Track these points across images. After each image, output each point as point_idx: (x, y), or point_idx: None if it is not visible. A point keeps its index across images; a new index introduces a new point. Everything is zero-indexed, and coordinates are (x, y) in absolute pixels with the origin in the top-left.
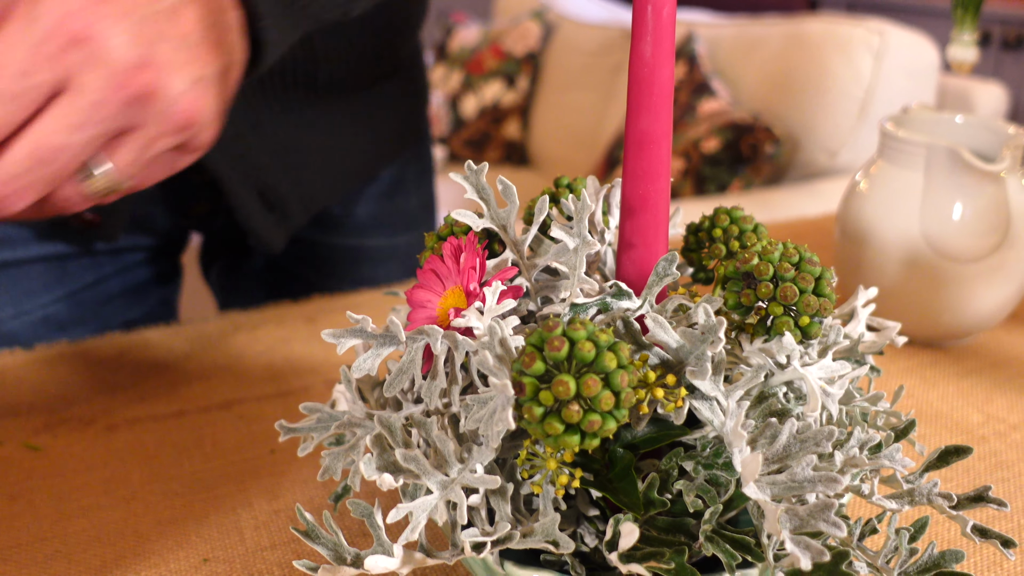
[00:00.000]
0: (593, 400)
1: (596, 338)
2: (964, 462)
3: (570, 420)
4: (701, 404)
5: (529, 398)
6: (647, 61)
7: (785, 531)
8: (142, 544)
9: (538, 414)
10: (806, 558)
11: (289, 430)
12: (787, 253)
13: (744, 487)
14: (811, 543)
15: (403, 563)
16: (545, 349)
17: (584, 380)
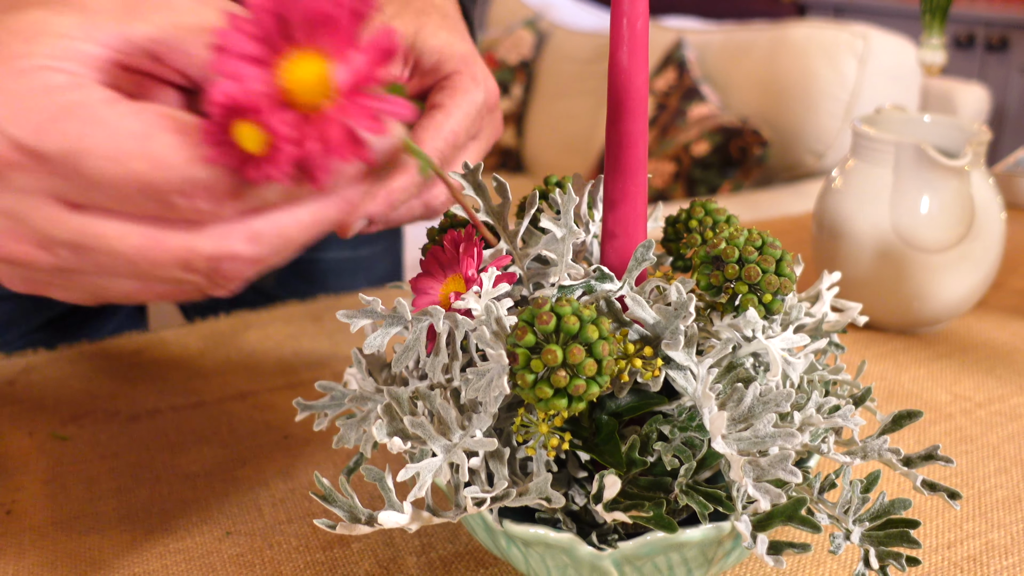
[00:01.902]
0: (578, 367)
1: (580, 313)
2: (931, 436)
3: (558, 385)
4: (676, 374)
5: (522, 366)
6: (624, 68)
7: (748, 479)
8: (168, 521)
9: (530, 380)
10: (765, 501)
11: (306, 407)
12: (751, 238)
13: (713, 442)
14: (770, 488)
15: (412, 519)
16: (535, 323)
17: (570, 349)
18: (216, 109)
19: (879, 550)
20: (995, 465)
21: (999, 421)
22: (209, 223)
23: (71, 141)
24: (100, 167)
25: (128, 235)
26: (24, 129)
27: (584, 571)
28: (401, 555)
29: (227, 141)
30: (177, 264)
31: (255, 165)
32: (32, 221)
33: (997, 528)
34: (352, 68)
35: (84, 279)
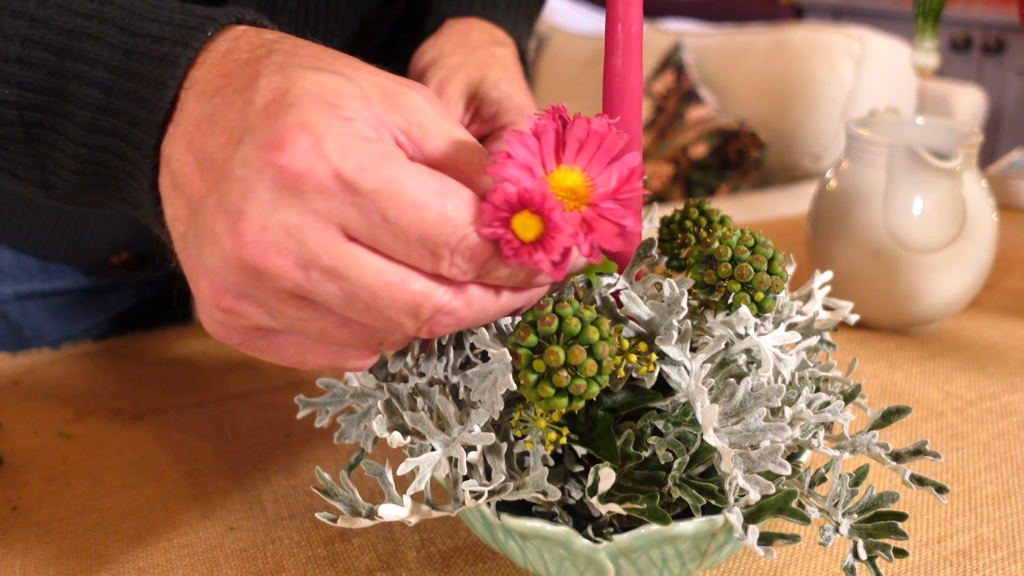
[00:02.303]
0: (579, 367)
1: (581, 314)
2: (922, 433)
3: (560, 385)
4: (670, 369)
5: (524, 366)
6: (618, 72)
7: (739, 471)
8: (172, 516)
9: (532, 380)
10: (755, 491)
11: (307, 403)
12: (744, 238)
13: (704, 435)
14: (760, 479)
15: (411, 512)
16: (538, 324)
17: (572, 350)
18: (502, 197)
19: (867, 541)
20: (985, 461)
21: (990, 419)
22: (449, 280)
23: (386, 182)
24: (400, 209)
25: (383, 271)
26: (349, 163)
27: (580, 564)
28: (401, 549)
29: (506, 224)
30: (409, 306)
31: (527, 249)
32: (307, 240)
33: (986, 523)
34: (607, 182)
35: (308, 324)
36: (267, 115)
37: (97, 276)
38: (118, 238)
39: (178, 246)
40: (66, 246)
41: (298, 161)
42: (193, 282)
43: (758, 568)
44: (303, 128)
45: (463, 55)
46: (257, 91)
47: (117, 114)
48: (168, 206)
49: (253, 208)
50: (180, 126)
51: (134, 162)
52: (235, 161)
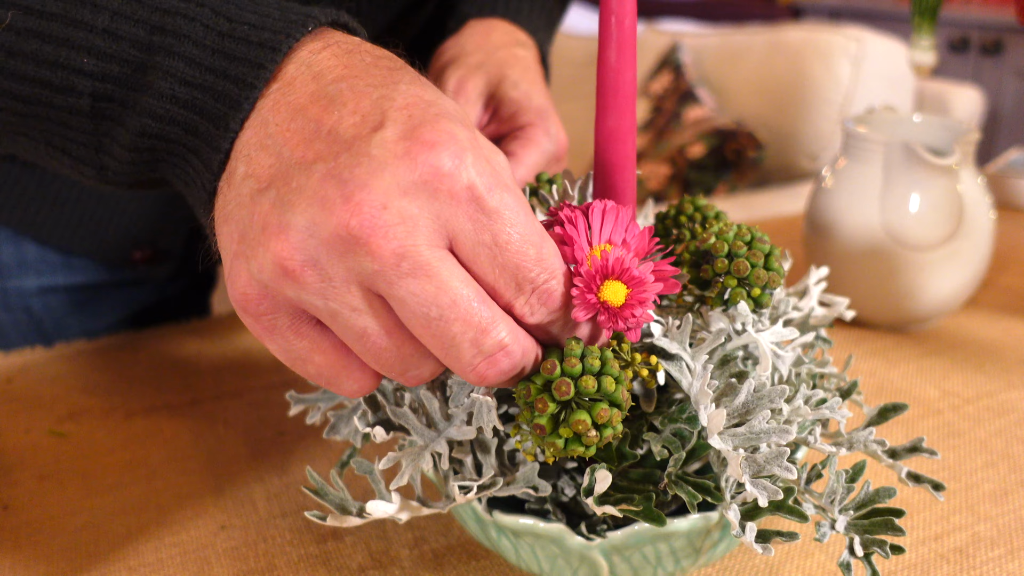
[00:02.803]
0: (605, 425)
1: (590, 367)
2: (919, 431)
3: (590, 444)
4: (671, 365)
5: (550, 434)
6: (612, 66)
7: (746, 475)
8: (164, 515)
9: (560, 445)
10: (764, 497)
11: (298, 400)
12: (740, 233)
13: (710, 439)
14: (768, 484)
15: (401, 509)
16: (553, 392)
17: (596, 410)
18: (595, 266)
19: (863, 538)
20: (983, 459)
21: (987, 416)
22: (514, 320)
23: (507, 209)
24: (511, 236)
25: (467, 284)
26: (483, 181)
27: (573, 561)
28: (394, 548)
29: (595, 296)
30: (477, 329)
31: (623, 314)
32: (417, 232)
33: (984, 521)
34: (635, 247)
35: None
36: (411, 114)
37: (120, 271)
38: (141, 234)
39: (244, 202)
40: (90, 241)
41: (443, 162)
42: (253, 238)
43: (754, 566)
44: (452, 137)
45: (483, 55)
46: (398, 92)
47: (200, 88)
48: (244, 163)
49: (379, 186)
50: (286, 96)
51: (205, 137)
52: (372, 141)
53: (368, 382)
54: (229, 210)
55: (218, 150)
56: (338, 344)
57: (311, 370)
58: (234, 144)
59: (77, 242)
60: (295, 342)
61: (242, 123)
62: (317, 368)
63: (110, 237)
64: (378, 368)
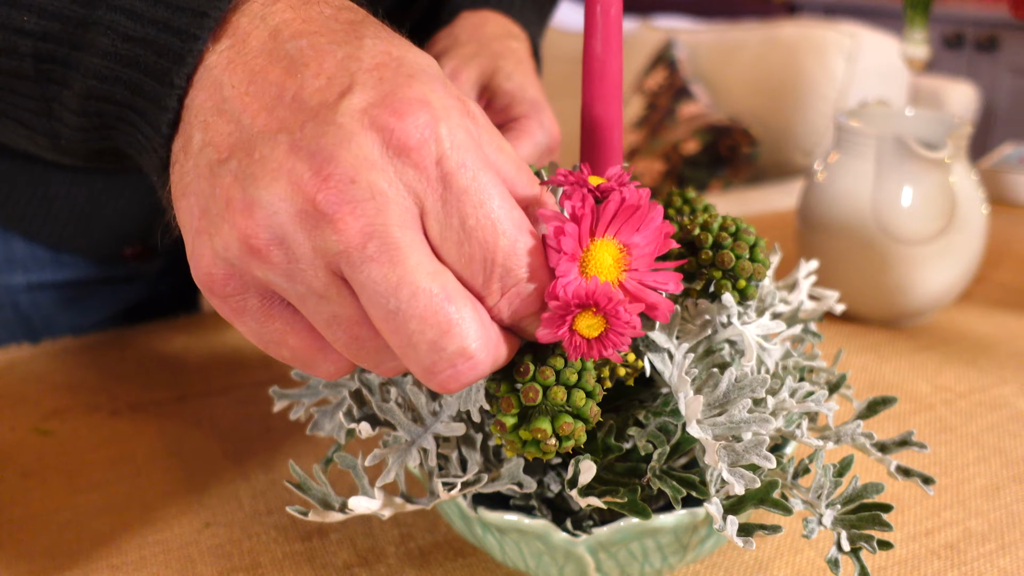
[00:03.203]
0: (566, 438)
1: (567, 380)
2: (911, 426)
3: (547, 451)
4: (654, 356)
5: (510, 433)
6: (598, 56)
7: (723, 464)
8: (148, 513)
9: (518, 447)
10: (740, 485)
11: (282, 395)
12: (725, 224)
13: (688, 426)
14: (744, 472)
15: (384, 505)
16: (521, 397)
17: (559, 422)
18: (566, 299)
19: (851, 533)
20: (975, 454)
21: (980, 411)
22: (487, 318)
23: (479, 190)
24: (480, 221)
25: (434, 277)
26: (454, 156)
27: (559, 558)
28: (380, 545)
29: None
30: (438, 328)
31: (596, 348)
32: (388, 209)
33: (975, 516)
34: (642, 251)
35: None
36: (381, 77)
37: (110, 268)
38: (131, 230)
39: (203, 173)
40: (79, 237)
41: (412, 133)
42: (216, 214)
43: (743, 563)
44: (424, 104)
45: (477, 46)
46: (363, 49)
47: (142, 43)
48: (200, 131)
49: (347, 158)
50: (241, 55)
51: (150, 96)
52: (339, 109)
53: (345, 364)
54: (187, 182)
55: (165, 108)
56: (311, 326)
57: (285, 353)
58: (184, 104)
59: (66, 238)
60: (267, 324)
61: (188, 79)
62: (291, 350)
63: (100, 233)
64: (351, 358)
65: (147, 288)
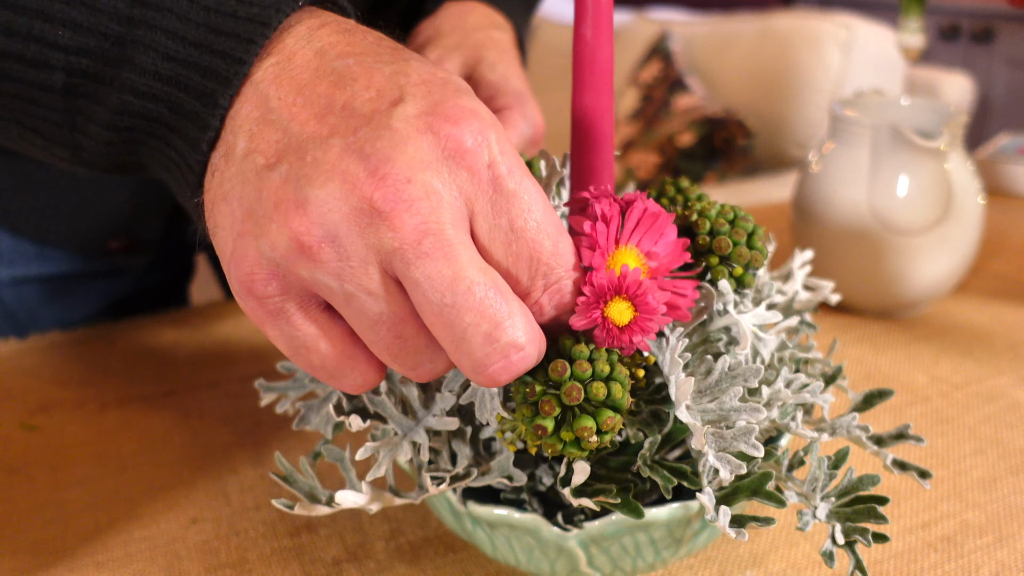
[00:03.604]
0: (608, 432)
1: (602, 374)
2: (907, 418)
3: (588, 448)
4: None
5: (552, 436)
6: (588, 43)
7: (710, 449)
8: (134, 509)
9: (559, 448)
10: (726, 470)
11: (268, 388)
12: (723, 211)
13: (676, 410)
14: (731, 458)
15: (371, 499)
16: (563, 397)
17: (602, 418)
18: (600, 285)
19: (846, 526)
20: (972, 446)
21: (976, 403)
22: (530, 313)
23: (526, 194)
24: (527, 223)
25: (486, 272)
26: (504, 161)
27: (550, 553)
28: (369, 540)
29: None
30: (492, 321)
31: (627, 334)
32: (442, 208)
33: (972, 508)
34: (661, 260)
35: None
36: (430, 90)
37: (96, 261)
38: (117, 223)
39: (248, 178)
40: (64, 230)
41: (466, 137)
42: (263, 215)
43: (737, 556)
44: (475, 114)
45: (460, 36)
46: (410, 67)
47: (184, 64)
48: (245, 139)
49: (402, 159)
50: (287, 71)
51: (191, 115)
52: (393, 115)
53: (373, 376)
54: (228, 188)
55: (207, 128)
56: (347, 332)
57: (315, 360)
58: (225, 122)
59: (52, 232)
60: (301, 328)
61: (231, 100)
62: (321, 358)
63: (86, 227)
64: (389, 360)
65: (135, 283)
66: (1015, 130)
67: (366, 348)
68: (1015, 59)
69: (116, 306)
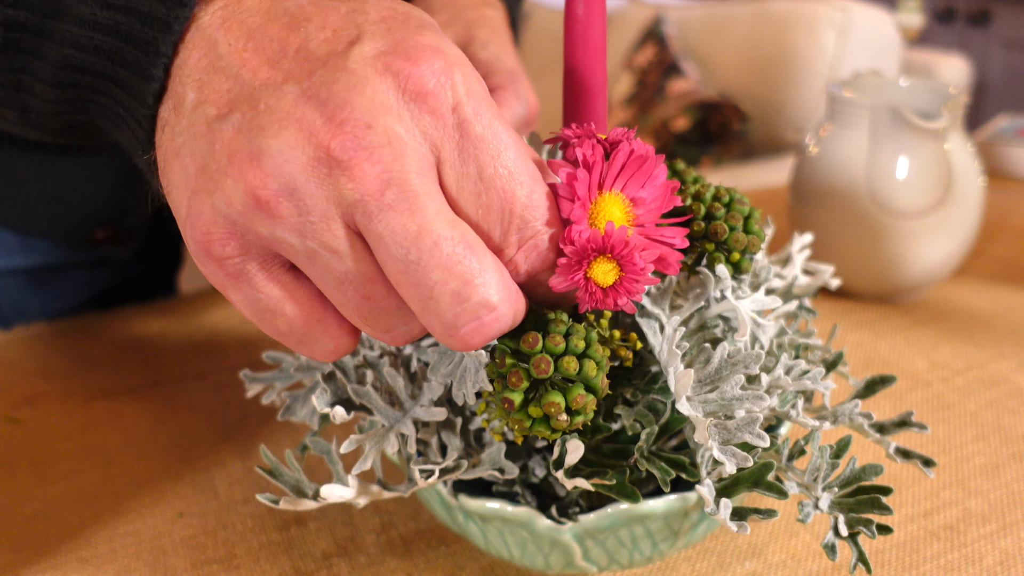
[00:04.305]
0: (579, 411)
1: (575, 348)
2: (908, 404)
3: (558, 428)
4: (646, 327)
5: (519, 411)
6: (580, 19)
7: (713, 442)
8: (119, 503)
9: (527, 425)
10: (731, 464)
11: (254, 379)
12: (718, 194)
13: (677, 402)
14: (736, 451)
15: (359, 493)
16: (531, 369)
17: (572, 395)
18: (582, 244)
19: (848, 517)
20: (973, 432)
21: (977, 388)
22: (505, 270)
23: (495, 138)
24: (497, 170)
25: (454, 225)
26: (469, 103)
27: (544, 546)
28: (360, 533)
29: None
30: (461, 279)
31: (611, 296)
32: (405, 155)
33: (975, 496)
34: (648, 206)
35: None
36: (389, 28)
37: (80, 252)
38: (102, 212)
39: (199, 131)
40: (48, 221)
41: (428, 78)
42: (216, 170)
43: (736, 547)
44: (437, 51)
45: (450, 13)
46: (368, 5)
47: (123, 10)
48: (194, 90)
49: (362, 103)
50: (236, 14)
51: (133, 66)
52: (350, 56)
53: (346, 340)
54: (180, 143)
55: (150, 79)
56: (314, 293)
57: (281, 325)
58: (171, 70)
59: (35, 222)
60: (265, 290)
61: (175, 46)
62: (288, 322)
63: (70, 216)
64: (360, 322)
65: (121, 272)
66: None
67: (336, 310)
68: (1011, 41)
69: (103, 296)
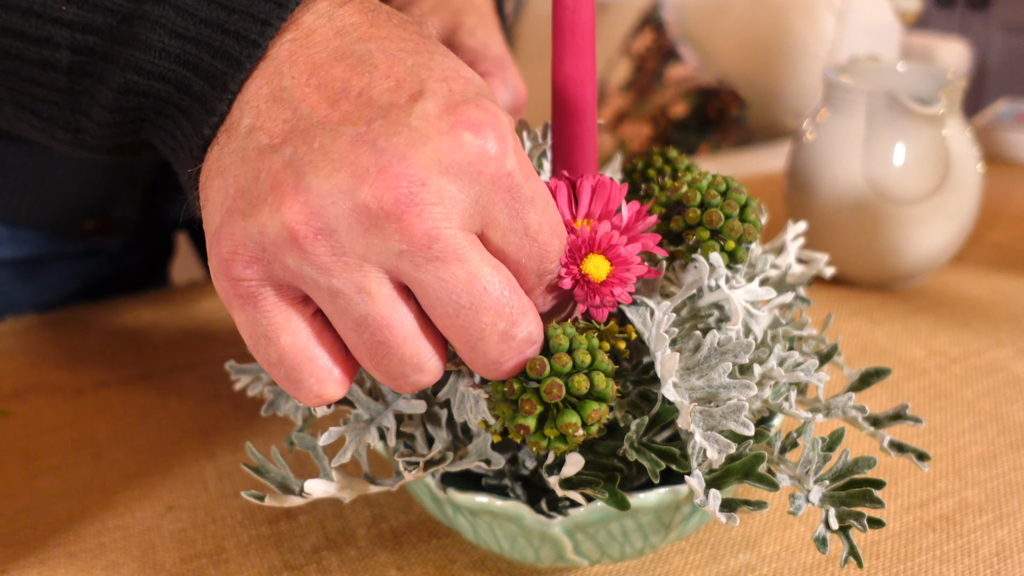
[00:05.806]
0: (592, 426)
1: (581, 363)
2: (904, 392)
3: (575, 443)
4: (633, 315)
5: (534, 434)
6: (568, 5)
7: (697, 428)
8: (108, 497)
9: (544, 445)
10: (714, 450)
11: (240, 371)
12: (715, 182)
13: (663, 387)
14: (719, 438)
15: (343, 488)
16: (542, 393)
17: (586, 411)
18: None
19: (840, 510)
20: (970, 421)
21: (975, 376)
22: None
23: (540, 199)
24: (541, 228)
25: (498, 271)
26: (522, 169)
27: (534, 540)
28: (350, 527)
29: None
30: (509, 318)
31: (607, 289)
32: (455, 214)
33: (971, 485)
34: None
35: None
36: (451, 88)
37: (70, 243)
38: (91, 202)
39: (249, 156)
40: (36, 211)
41: (487, 145)
42: (257, 195)
43: (730, 539)
44: (497, 120)
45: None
46: (434, 61)
47: (195, 42)
48: (251, 116)
49: (419, 160)
50: (304, 48)
51: (199, 96)
52: (412, 111)
53: (331, 387)
54: (226, 163)
55: (213, 112)
56: (313, 333)
57: (272, 354)
58: (232, 104)
59: (23, 212)
60: (269, 315)
61: (242, 84)
62: (279, 352)
63: (58, 206)
64: (370, 365)
65: (111, 263)
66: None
67: (329, 356)
68: (1012, 25)
69: (93, 287)
